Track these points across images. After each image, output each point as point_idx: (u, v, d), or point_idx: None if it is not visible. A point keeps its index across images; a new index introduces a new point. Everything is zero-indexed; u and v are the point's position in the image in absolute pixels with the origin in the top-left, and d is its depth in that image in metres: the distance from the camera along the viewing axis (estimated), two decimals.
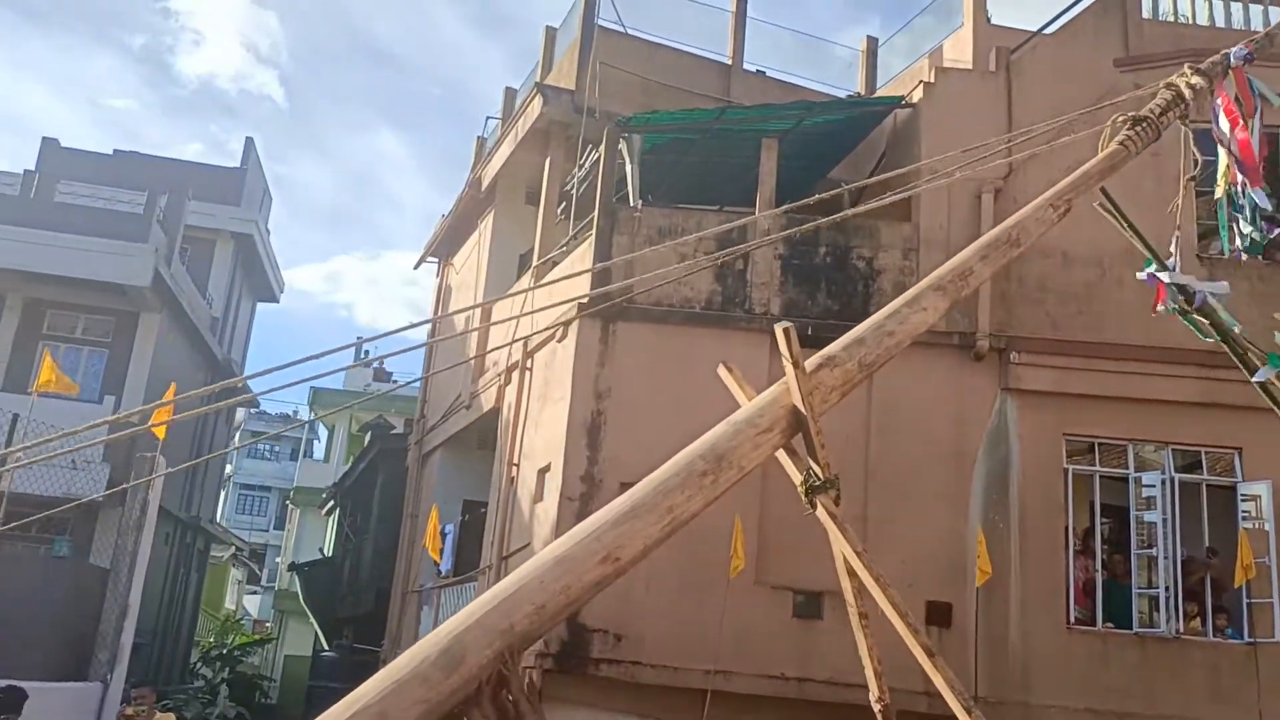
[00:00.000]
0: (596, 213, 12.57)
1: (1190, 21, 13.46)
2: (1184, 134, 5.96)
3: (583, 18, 15.04)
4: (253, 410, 46.23)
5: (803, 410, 3.36)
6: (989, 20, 14.03)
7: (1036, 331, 11.91)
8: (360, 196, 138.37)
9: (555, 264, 13.99)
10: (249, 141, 29.32)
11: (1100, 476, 11.77)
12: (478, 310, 16.82)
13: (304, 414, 49.55)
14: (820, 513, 3.38)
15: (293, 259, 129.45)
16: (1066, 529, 11.45)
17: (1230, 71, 6.07)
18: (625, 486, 11.18)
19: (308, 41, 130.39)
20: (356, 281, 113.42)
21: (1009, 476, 11.56)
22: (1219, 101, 6.08)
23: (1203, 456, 11.70)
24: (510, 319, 13.71)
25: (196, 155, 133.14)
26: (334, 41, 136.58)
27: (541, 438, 12.82)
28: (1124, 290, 11.28)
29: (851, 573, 3.46)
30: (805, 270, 12.27)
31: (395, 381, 41.79)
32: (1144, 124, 5.43)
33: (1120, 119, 5.50)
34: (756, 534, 10.96)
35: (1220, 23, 13.57)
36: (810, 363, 3.69)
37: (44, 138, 25.79)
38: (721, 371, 3.75)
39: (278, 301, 33.92)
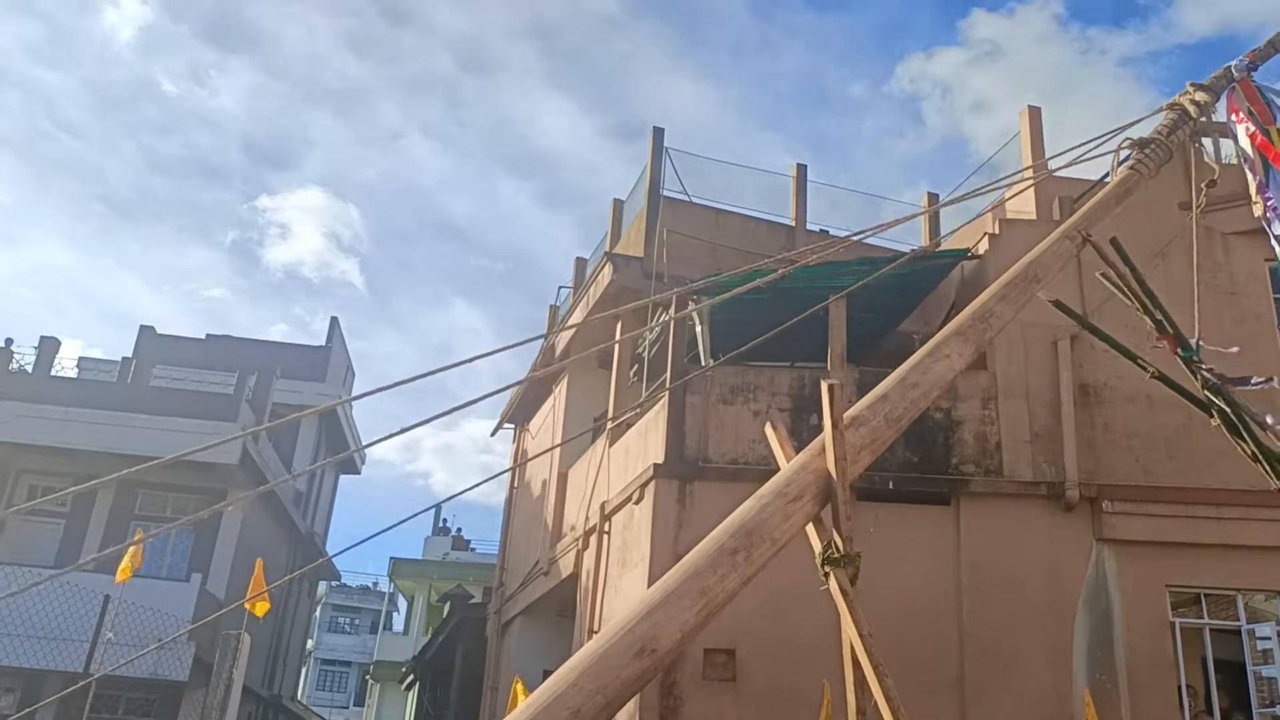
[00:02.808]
0: (669, 374, 12.71)
1: None
2: (1193, 150, 5.79)
3: (649, 190, 15.61)
4: (334, 584, 46.44)
5: (834, 475, 3.24)
6: (1049, 171, 14.22)
7: (1127, 479, 11.54)
8: (437, 367, 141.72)
9: (629, 426, 14.08)
10: (334, 321, 30.55)
11: (1210, 630, 11.15)
12: (554, 475, 16.91)
13: (384, 585, 49.58)
14: (832, 586, 3.22)
15: (373, 430, 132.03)
16: (1179, 687, 10.78)
17: (1236, 84, 5.96)
18: (709, 653, 10.82)
19: (385, 226, 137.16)
20: (433, 450, 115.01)
21: (1112, 632, 11.00)
22: (1233, 119, 5.97)
23: None
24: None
25: (281, 335, 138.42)
26: (409, 224, 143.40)
27: (621, 602, 12.61)
28: (1215, 433, 10.93)
29: (856, 663, 3.25)
30: None
31: (473, 550, 41.80)
32: (1153, 145, 5.33)
33: (1127, 144, 5.40)
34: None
35: None
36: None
37: (141, 326, 27.23)
38: (768, 429, 3.67)
39: (359, 473, 34.57)
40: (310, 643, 47.54)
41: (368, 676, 45.36)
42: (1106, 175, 13.96)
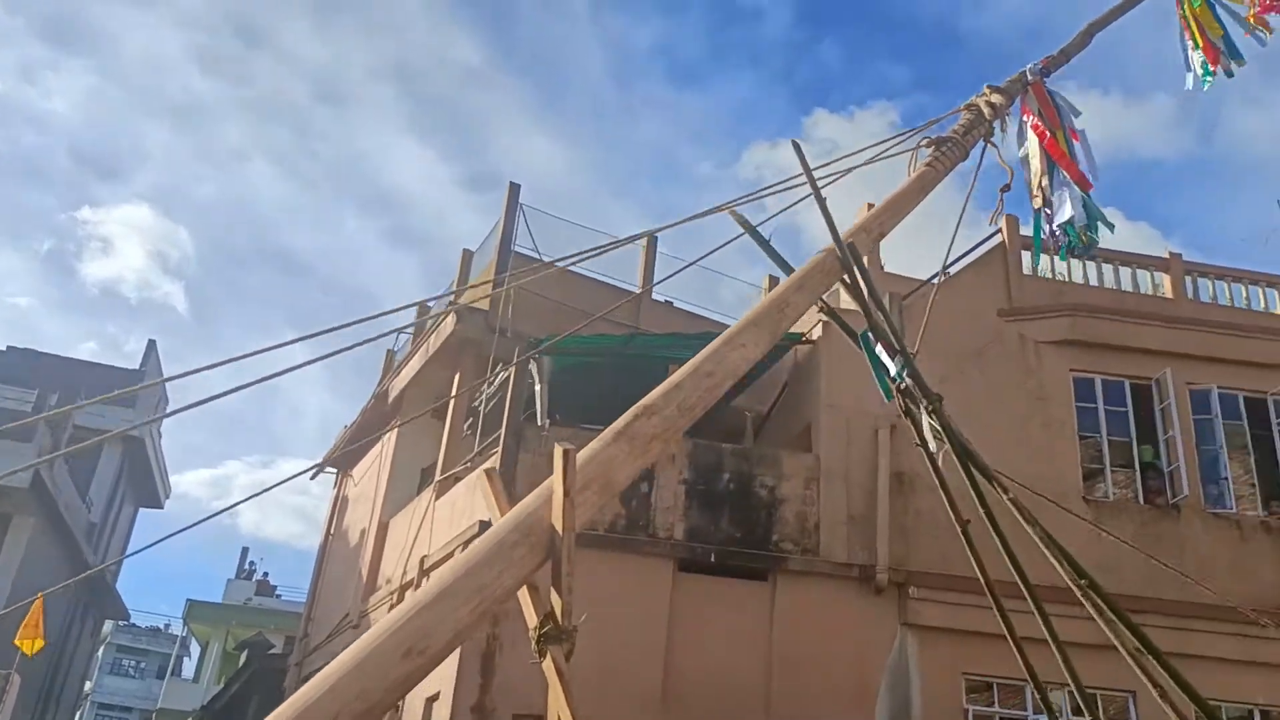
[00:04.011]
0: (504, 431, 12.58)
1: (1067, 279, 14.52)
2: (984, 148, 6.04)
3: (500, 244, 15.58)
4: (121, 623, 43.39)
5: (559, 532, 3.14)
6: (882, 268, 14.95)
7: (932, 566, 12.02)
8: (258, 401, 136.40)
9: (459, 480, 13.83)
10: (151, 344, 29.02)
11: (1000, 718, 11.68)
12: (374, 524, 16.39)
13: (177, 628, 46.69)
14: (547, 665, 3.08)
15: (182, 463, 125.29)
16: None
17: (1029, 88, 6.37)
18: (519, 718, 10.55)
19: (216, 250, 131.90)
20: (245, 488, 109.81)
21: (910, 715, 11.38)
22: (1025, 119, 6.35)
23: (1098, 699, 11.72)
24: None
25: (90, 353, 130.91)
26: (243, 249, 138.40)
27: None
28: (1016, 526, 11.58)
29: None
30: (709, 496, 12.35)
31: (279, 597, 39.97)
32: (949, 144, 5.60)
33: (925, 142, 5.64)
34: None
35: (1094, 281, 14.65)
36: (628, 415, 3.52)
37: None
38: (482, 477, 3.57)
39: (161, 507, 32.60)
40: (89, 685, 44.16)
41: None
42: (931, 278, 14.70)
